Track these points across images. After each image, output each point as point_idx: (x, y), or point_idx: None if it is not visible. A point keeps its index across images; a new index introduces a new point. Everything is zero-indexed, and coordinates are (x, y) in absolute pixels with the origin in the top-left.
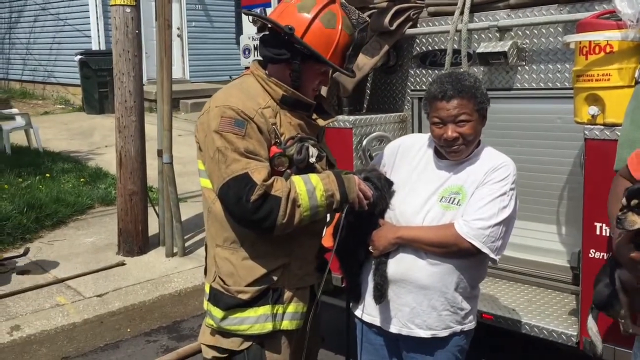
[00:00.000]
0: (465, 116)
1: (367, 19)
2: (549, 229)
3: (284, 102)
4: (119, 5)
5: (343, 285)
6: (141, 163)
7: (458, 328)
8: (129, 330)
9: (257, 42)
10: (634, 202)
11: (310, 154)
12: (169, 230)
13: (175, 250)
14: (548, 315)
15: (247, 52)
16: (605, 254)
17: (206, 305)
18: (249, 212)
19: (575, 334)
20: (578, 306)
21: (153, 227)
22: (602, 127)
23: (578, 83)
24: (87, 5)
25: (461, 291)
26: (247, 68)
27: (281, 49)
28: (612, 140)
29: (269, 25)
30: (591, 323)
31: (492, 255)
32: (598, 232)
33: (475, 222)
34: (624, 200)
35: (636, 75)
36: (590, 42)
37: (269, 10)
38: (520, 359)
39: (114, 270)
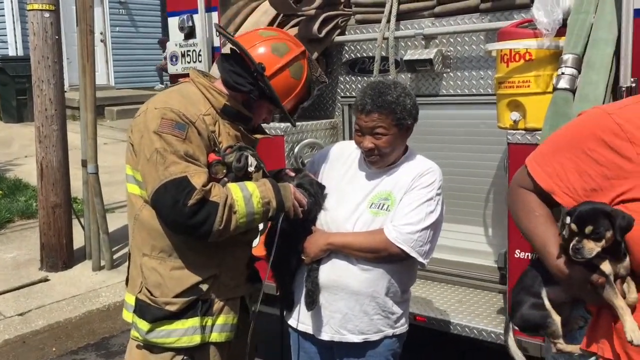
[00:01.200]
0: (381, 129)
1: (326, 79)
2: (476, 230)
3: (225, 112)
4: (36, 10)
5: (277, 294)
6: (64, 174)
7: (390, 332)
8: (54, 349)
9: (184, 49)
10: (588, 228)
11: (250, 163)
12: (96, 243)
13: (102, 263)
14: (478, 315)
15: (174, 59)
16: (530, 254)
17: (131, 317)
18: (185, 217)
19: (504, 332)
20: (505, 305)
21: (78, 240)
22: (523, 132)
23: (500, 90)
24: (3, 9)
25: (392, 295)
26: (173, 75)
27: (244, 79)
28: (533, 144)
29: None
30: (514, 347)
31: (420, 260)
32: None
33: (404, 227)
34: (573, 227)
35: (554, 82)
36: (510, 50)
37: (195, 17)
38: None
39: (37, 287)
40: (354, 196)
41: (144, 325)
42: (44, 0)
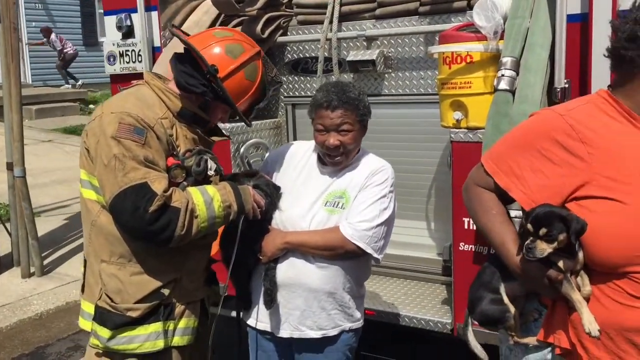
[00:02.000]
0: (347, 126)
1: (282, 80)
2: (422, 225)
3: (182, 116)
4: None
5: (226, 294)
6: None
7: (347, 326)
8: None
9: (122, 49)
10: (543, 231)
11: (209, 166)
12: (24, 249)
13: (32, 270)
14: (424, 306)
15: (111, 59)
16: (473, 246)
17: (89, 325)
18: (145, 223)
19: (450, 321)
20: (450, 296)
21: (4, 247)
22: (466, 130)
23: (443, 90)
24: None
25: (348, 291)
26: (112, 76)
27: (197, 80)
28: (475, 142)
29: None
30: (473, 341)
31: (375, 255)
32: (466, 227)
33: (359, 224)
34: (529, 227)
35: (494, 83)
36: (452, 52)
37: (134, 16)
38: (401, 352)
39: None
40: (309, 195)
41: (104, 332)
42: None
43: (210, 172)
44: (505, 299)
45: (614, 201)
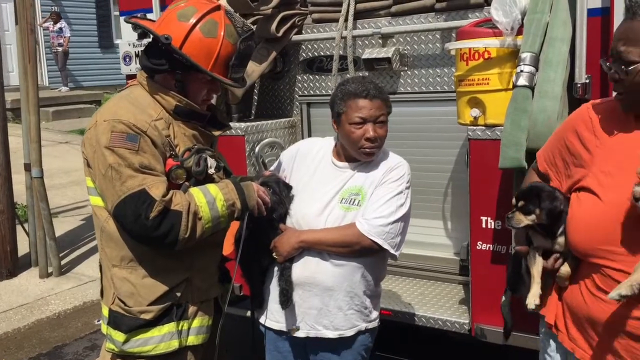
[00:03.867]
0: (383, 117)
1: (252, 27)
2: (438, 224)
3: (178, 113)
4: None
5: (242, 294)
6: (6, 178)
7: (363, 326)
8: None
9: (138, 49)
10: (520, 203)
11: (209, 165)
12: (42, 249)
13: (50, 270)
14: (441, 306)
15: (127, 60)
16: (491, 246)
17: (105, 329)
18: (149, 230)
19: (467, 321)
20: (468, 296)
21: (23, 247)
22: (484, 127)
23: (460, 87)
24: None
25: (365, 289)
26: (128, 76)
27: (160, 59)
28: (493, 139)
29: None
30: (504, 302)
31: (392, 251)
32: (484, 226)
33: (376, 220)
34: (513, 201)
35: (513, 79)
36: (470, 49)
37: (150, 16)
38: (418, 352)
39: None
40: (324, 192)
41: (119, 336)
42: None
43: (211, 171)
44: (523, 270)
45: (595, 195)
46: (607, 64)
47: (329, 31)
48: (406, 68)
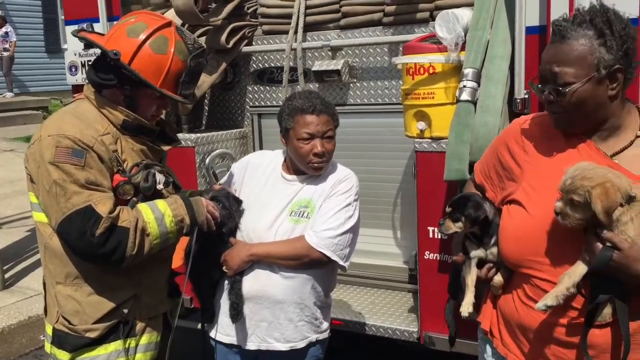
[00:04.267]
0: (331, 132)
1: (203, 45)
2: (387, 234)
3: (126, 128)
4: None
5: (192, 307)
6: None
7: (314, 337)
8: None
9: (84, 59)
10: (449, 210)
11: (158, 180)
12: None
13: None
14: (391, 315)
15: (73, 70)
16: (438, 255)
17: (49, 348)
18: (94, 247)
19: (416, 330)
20: (417, 304)
21: None
22: (429, 140)
23: (406, 101)
24: None
25: (315, 301)
26: (74, 86)
27: (109, 74)
28: (439, 152)
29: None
30: (448, 310)
31: (341, 263)
32: (431, 236)
33: (325, 232)
34: (447, 209)
35: (457, 94)
36: (415, 64)
37: (96, 26)
38: None
39: None
40: (274, 206)
41: (63, 355)
42: None
43: (160, 186)
44: (462, 278)
45: (523, 208)
46: (539, 86)
47: (279, 43)
48: (355, 80)
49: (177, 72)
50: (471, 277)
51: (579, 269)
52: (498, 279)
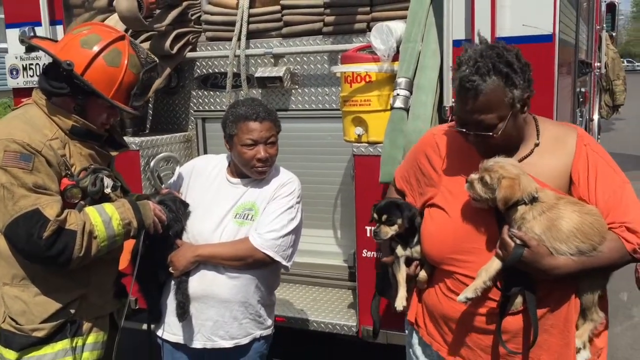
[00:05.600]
0: (273, 138)
1: (156, 59)
2: (328, 234)
3: (74, 133)
4: None
5: (137, 307)
6: None
7: (258, 333)
8: None
9: (26, 62)
10: (384, 217)
11: (106, 184)
12: None
13: None
14: (331, 311)
15: (14, 73)
16: (375, 253)
17: None
18: (41, 249)
19: (355, 324)
20: (355, 300)
21: None
22: (366, 144)
23: (345, 107)
24: None
25: (259, 299)
26: (15, 89)
27: (61, 83)
28: (375, 155)
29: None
30: (373, 306)
31: (284, 263)
32: (369, 235)
33: (268, 234)
34: (375, 216)
35: (391, 101)
36: (353, 72)
37: (38, 30)
38: (310, 356)
39: None
40: (219, 208)
41: (10, 354)
42: None
43: (107, 190)
44: (390, 275)
45: (443, 211)
46: (464, 131)
47: (223, 49)
48: (297, 86)
49: (129, 85)
50: (402, 275)
51: (494, 265)
52: (423, 274)
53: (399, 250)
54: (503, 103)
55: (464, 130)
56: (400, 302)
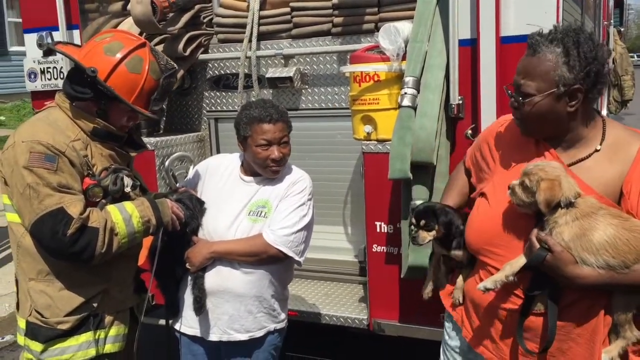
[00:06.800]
0: (286, 138)
1: (175, 65)
2: (339, 230)
3: (95, 134)
4: None
5: (154, 303)
6: None
7: (272, 327)
8: None
9: (44, 66)
10: (422, 222)
11: (126, 184)
12: None
13: None
14: (343, 305)
15: (32, 76)
16: (385, 248)
17: (22, 340)
18: (66, 246)
19: (366, 317)
20: (366, 294)
21: None
22: (375, 142)
23: (354, 106)
24: None
25: (273, 294)
26: (33, 92)
27: (85, 88)
28: (384, 153)
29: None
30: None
31: (297, 258)
32: (379, 230)
33: (281, 230)
34: (413, 220)
35: (399, 99)
36: (361, 72)
37: (55, 35)
38: (323, 349)
39: None
40: (233, 206)
41: (36, 346)
42: None
43: (127, 189)
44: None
45: (488, 202)
46: (509, 92)
47: (234, 51)
48: (306, 86)
49: (150, 90)
50: (434, 271)
51: (520, 262)
52: (460, 282)
53: (436, 247)
54: (549, 76)
55: (509, 92)
56: (426, 292)
